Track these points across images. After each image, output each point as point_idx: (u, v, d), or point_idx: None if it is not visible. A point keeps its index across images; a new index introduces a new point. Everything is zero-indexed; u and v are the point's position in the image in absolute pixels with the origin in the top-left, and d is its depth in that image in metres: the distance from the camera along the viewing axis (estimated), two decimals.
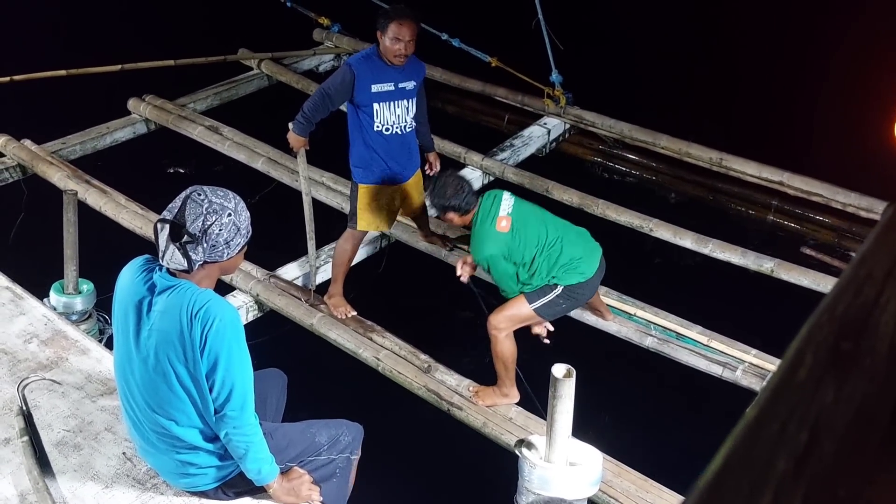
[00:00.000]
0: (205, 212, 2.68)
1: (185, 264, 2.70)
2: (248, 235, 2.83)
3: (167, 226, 2.68)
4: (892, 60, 6.47)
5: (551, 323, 4.40)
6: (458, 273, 4.30)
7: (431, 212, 5.38)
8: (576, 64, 6.96)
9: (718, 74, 7.46)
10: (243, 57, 7.61)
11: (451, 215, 4.15)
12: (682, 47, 7.79)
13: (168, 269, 2.78)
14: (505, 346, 4.08)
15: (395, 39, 4.31)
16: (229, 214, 2.72)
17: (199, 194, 2.71)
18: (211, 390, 2.76)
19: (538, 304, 4.08)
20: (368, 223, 4.71)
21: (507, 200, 4.12)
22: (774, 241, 5.88)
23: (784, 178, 6.01)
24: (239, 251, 2.81)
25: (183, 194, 2.73)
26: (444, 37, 7.35)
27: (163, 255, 2.72)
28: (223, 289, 4.85)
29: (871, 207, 5.65)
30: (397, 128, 4.51)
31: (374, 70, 4.40)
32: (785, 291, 5.01)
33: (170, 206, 2.73)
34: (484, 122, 7.49)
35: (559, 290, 4.06)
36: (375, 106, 4.43)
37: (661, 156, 6.60)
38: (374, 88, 4.40)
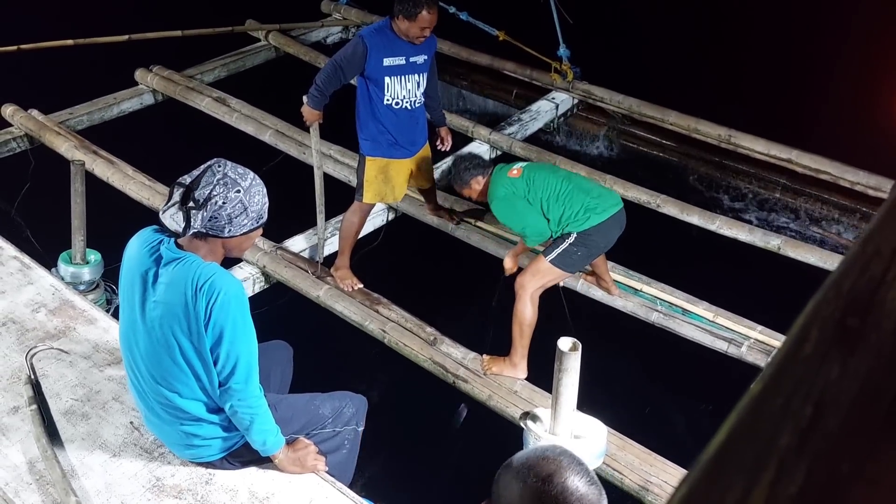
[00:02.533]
0: (215, 182, 2.67)
1: (181, 226, 2.68)
2: (262, 220, 2.80)
3: (182, 189, 2.68)
4: None
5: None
6: (507, 267, 4.49)
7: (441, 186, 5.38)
8: (585, 38, 6.91)
9: (729, 50, 7.40)
10: (251, 28, 7.58)
11: (477, 179, 4.45)
12: (692, 23, 7.72)
13: (175, 242, 2.78)
14: (526, 308, 4.10)
15: (423, 28, 4.30)
16: (238, 191, 2.69)
17: (219, 166, 2.71)
18: (215, 363, 2.77)
19: (553, 255, 4.12)
20: (375, 196, 4.71)
21: (520, 163, 4.40)
22: (782, 218, 5.86)
23: (793, 155, 5.98)
24: (245, 232, 2.77)
25: (206, 164, 2.74)
26: (452, 10, 7.30)
27: (164, 211, 2.71)
28: (231, 260, 4.87)
29: (880, 186, 5.62)
30: (407, 102, 4.49)
31: (387, 43, 4.37)
32: (791, 268, 5.00)
33: (191, 172, 2.73)
34: (493, 97, 7.45)
35: (572, 237, 4.10)
36: (387, 80, 4.40)
37: (669, 132, 6.57)
38: (387, 62, 4.37)
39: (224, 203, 2.68)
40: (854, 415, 0.55)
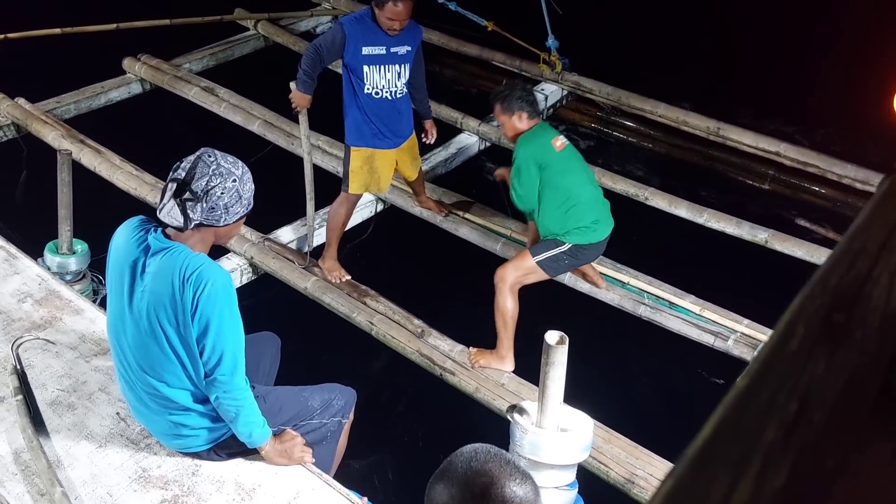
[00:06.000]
0: (210, 173, 2.69)
1: (182, 221, 2.70)
2: (249, 207, 2.85)
3: (175, 184, 2.69)
4: (893, 32, 6.44)
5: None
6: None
7: (430, 170, 5.37)
8: (575, 29, 6.91)
9: (719, 41, 7.41)
10: (239, 17, 7.54)
11: (520, 115, 4.19)
12: (683, 13, 7.72)
13: (163, 231, 2.78)
14: (506, 301, 4.10)
15: (389, 20, 4.30)
16: (234, 180, 2.74)
17: (210, 156, 2.73)
18: (201, 354, 2.77)
19: (541, 257, 4.12)
20: (360, 186, 4.70)
21: (563, 141, 4.23)
22: (770, 212, 5.88)
23: (781, 148, 6.00)
24: (237, 220, 2.82)
25: (194, 155, 2.75)
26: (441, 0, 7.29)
27: (161, 209, 2.72)
28: (218, 251, 4.85)
29: (867, 179, 5.65)
30: (387, 92, 4.49)
31: (366, 32, 4.36)
32: (778, 262, 5.02)
33: (180, 164, 2.74)
34: (481, 87, 7.44)
35: (567, 247, 4.11)
36: (365, 68, 4.40)
37: (658, 124, 6.59)
38: (365, 51, 4.37)
39: (222, 193, 2.71)
40: (839, 410, 0.55)
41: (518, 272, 4.13)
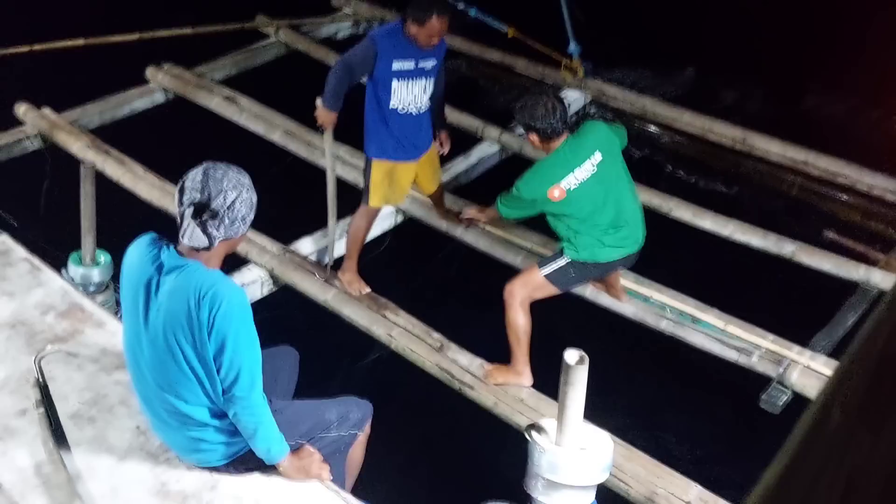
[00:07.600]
0: (225, 188, 2.68)
1: (206, 241, 2.69)
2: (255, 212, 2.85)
3: (193, 207, 2.67)
4: None
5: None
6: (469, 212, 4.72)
7: (446, 181, 5.34)
8: (598, 36, 6.87)
9: (744, 47, 7.32)
10: (261, 24, 7.55)
11: (534, 137, 3.99)
12: (706, 16, 7.64)
13: (175, 248, 2.77)
14: (517, 316, 4.05)
15: (430, 36, 4.27)
16: (248, 190, 2.75)
17: (217, 170, 2.71)
18: (219, 371, 2.77)
19: (548, 269, 4.07)
20: (381, 199, 4.68)
21: (586, 170, 3.90)
22: (797, 222, 5.80)
23: (809, 157, 5.90)
24: (249, 226, 2.83)
25: (199, 171, 2.72)
26: (461, 6, 7.27)
27: (183, 233, 2.71)
28: (238, 262, 4.85)
29: None
30: (413, 107, 4.46)
31: (397, 46, 4.33)
32: (805, 276, 4.94)
33: (187, 184, 2.70)
34: (503, 95, 7.40)
35: (567, 259, 4.05)
36: (394, 83, 4.37)
37: (683, 132, 6.50)
38: (395, 66, 4.33)
39: (241, 205, 2.71)
40: (889, 495, 0.52)
41: (526, 288, 4.07)
